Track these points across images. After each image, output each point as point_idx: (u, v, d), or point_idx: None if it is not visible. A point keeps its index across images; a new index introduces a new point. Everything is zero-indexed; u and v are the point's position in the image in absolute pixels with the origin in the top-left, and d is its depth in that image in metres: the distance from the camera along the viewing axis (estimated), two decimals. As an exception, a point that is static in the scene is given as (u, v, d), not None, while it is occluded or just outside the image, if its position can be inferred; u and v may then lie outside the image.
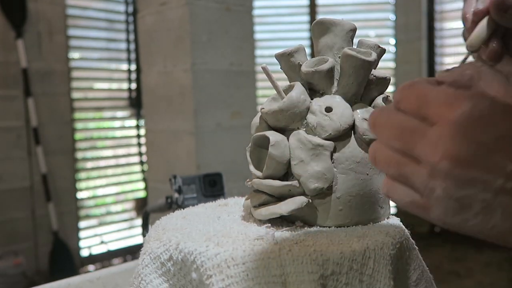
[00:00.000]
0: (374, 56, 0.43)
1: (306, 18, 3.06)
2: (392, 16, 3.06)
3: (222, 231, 0.41)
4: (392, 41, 3.06)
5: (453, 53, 2.94)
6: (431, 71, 2.96)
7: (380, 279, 0.36)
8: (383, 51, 0.47)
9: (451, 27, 2.93)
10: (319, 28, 0.46)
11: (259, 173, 0.44)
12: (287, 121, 0.43)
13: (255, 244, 0.37)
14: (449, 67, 0.45)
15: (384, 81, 0.46)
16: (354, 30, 0.46)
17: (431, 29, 2.94)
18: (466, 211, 0.30)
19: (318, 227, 0.43)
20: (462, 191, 0.30)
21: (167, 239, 0.41)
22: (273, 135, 0.43)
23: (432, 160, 0.30)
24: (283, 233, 0.41)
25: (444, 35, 2.95)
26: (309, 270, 0.35)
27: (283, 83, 0.47)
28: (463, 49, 0.44)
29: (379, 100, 0.45)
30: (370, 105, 0.45)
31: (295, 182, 0.42)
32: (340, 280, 0.35)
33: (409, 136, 0.32)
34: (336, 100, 0.43)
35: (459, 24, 2.88)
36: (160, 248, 0.41)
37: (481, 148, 0.30)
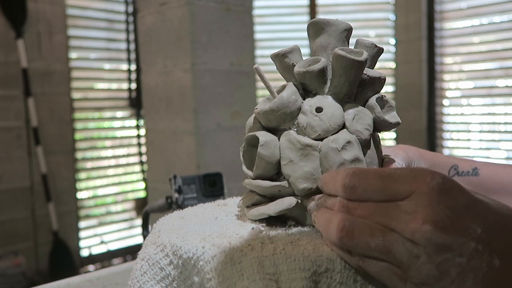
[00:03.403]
0: (365, 55, 0.42)
1: (306, 18, 3.06)
2: (392, 16, 3.06)
3: (217, 231, 0.41)
4: (392, 41, 3.06)
5: (453, 53, 2.94)
6: (431, 71, 2.96)
7: (373, 281, 0.36)
8: (380, 51, 0.46)
9: (451, 27, 2.93)
10: (313, 29, 0.46)
11: (250, 173, 0.44)
12: (278, 121, 0.43)
13: (250, 244, 0.38)
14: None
15: (379, 81, 0.45)
16: (349, 30, 0.46)
17: (431, 29, 2.94)
18: (444, 278, 0.32)
19: (311, 227, 0.43)
20: (442, 255, 0.31)
21: (161, 243, 0.41)
22: (263, 135, 0.43)
23: (413, 227, 0.32)
24: (278, 233, 0.41)
25: (444, 35, 2.95)
26: (301, 267, 0.35)
27: (279, 83, 0.47)
28: (463, 49, 0.44)
29: (372, 100, 0.45)
30: (364, 105, 0.45)
31: (284, 183, 0.42)
32: (334, 278, 0.35)
33: (383, 215, 0.33)
34: (327, 101, 0.43)
35: (459, 24, 2.89)
36: (158, 254, 0.41)
37: (454, 214, 0.32)
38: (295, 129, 0.43)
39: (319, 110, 0.42)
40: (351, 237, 0.34)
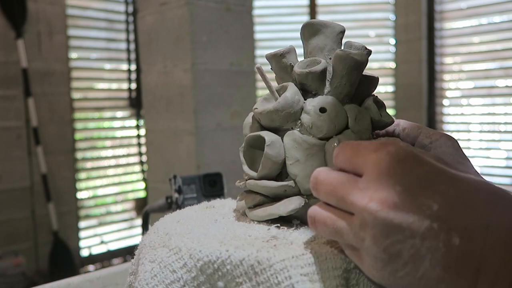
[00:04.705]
0: (366, 56, 0.43)
1: (306, 18, 3.06)
2: (392, 16, 3.06)
3: (228, 234, 0.41)
4: (392, 41, 3.06)
5: (453, 53, 2.94)
6: (431, 71, 2.96)
7: None
8: (370, 52, 0.47)
9: (451, 27, 2.93)
10: (309, 30, 0.46)
11: (254, 174, 0.44)
12: (281, 122, 0.44)
13: (275, 244, 0.37)
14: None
15: (373, 82, 0.46)
16: (343, 32, 0.47)
17: (431, 29, 2.94)
18: (395, 261, 0.29)
19: None
20: (390, 237, 0.29)
21: (176, 246, 0.40)
22: (268, 135, 0.43)
23: (361, 205, 0.30)
24: (292, 233, 0.41)
25: (444, 35, 2.95)
26: (333, 266, 0.35)
27: (275, 83, 0.48)
28: (463, 49, 0.44)
29: (369, 101, 0.45)
30: (360, 106, 0.45)
31: (290, 182, 0.43)
32: (361, 274, 0.36)
33: (342, 188, 0.32)
34: (329, 101, 0.43)
35: (459, 24, 2.88)
36: (171, 257, 0.40)
37: (405, 190, 0.30)
38: (298, 129, 0.43)
39: (323, 110, 0.43)
40: (315, 227, 0.34)
